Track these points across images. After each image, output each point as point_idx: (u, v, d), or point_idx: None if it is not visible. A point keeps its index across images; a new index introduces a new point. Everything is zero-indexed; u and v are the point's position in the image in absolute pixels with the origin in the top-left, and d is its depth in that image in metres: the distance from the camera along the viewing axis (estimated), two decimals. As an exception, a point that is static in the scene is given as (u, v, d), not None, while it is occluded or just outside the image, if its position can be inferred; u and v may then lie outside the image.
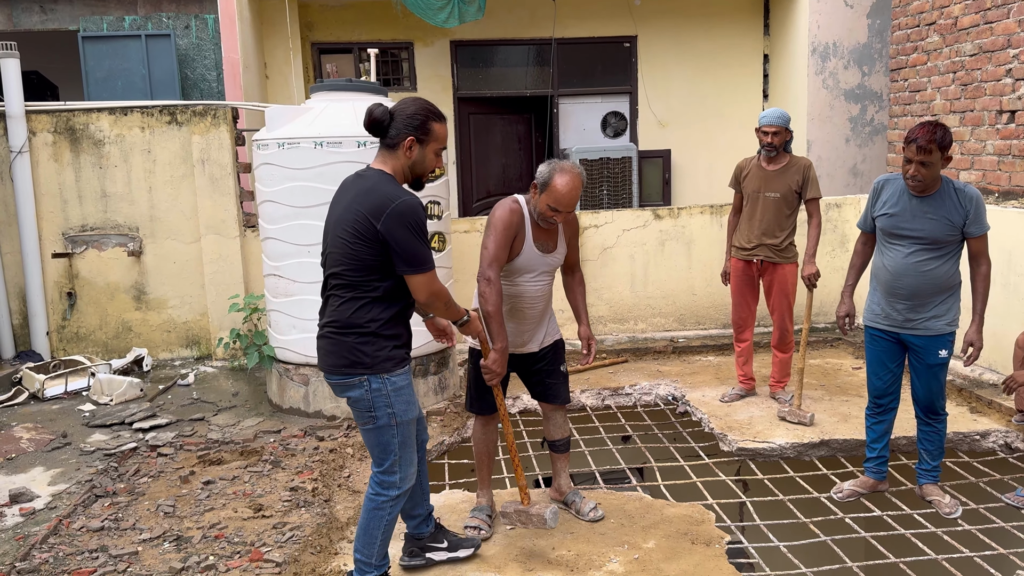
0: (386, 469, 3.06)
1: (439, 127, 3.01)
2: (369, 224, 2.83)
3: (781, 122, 5.07)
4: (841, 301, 4.19)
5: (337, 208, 3.00)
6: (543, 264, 3.63)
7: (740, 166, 5.36)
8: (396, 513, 3.13)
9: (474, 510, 3.84)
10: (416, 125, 2.95)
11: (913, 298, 3.83)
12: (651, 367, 6.39)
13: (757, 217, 5.19)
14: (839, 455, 4.75)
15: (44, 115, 6.39)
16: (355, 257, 2.89)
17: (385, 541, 3.13)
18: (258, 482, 4.25)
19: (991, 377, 5.47)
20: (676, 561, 3.46)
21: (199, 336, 6.69)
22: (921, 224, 3.75)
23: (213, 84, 7.71)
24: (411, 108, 2.97)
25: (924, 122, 3.69)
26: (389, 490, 3.08)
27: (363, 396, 2.97)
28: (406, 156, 2.96)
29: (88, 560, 3.46)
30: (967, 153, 6.37)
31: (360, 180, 2.98)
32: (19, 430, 5.05)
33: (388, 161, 2.98)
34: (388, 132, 2.96)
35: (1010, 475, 4.42)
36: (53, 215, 6.48)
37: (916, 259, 3.78)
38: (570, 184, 3.42)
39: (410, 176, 3.02)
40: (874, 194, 3.96)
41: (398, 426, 3.01)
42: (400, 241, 2.83)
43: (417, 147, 2.96)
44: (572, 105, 9.54)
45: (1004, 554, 3.60)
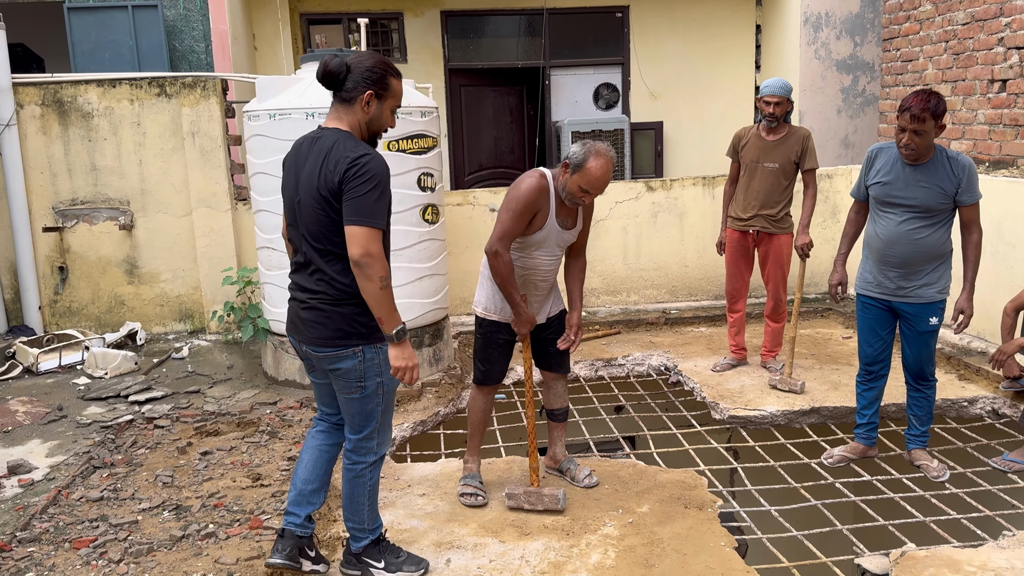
0: (365, 436, 3.02)
1: (397, 83, 2.88)
2: (336, 184, 2.73)
3: (783, 92, 5.07)
4: (834, 269, 4.23)
5: (300, 176, 2.87)
6: (560, 239, 3.66)
7: (739, 135, 5.36)
8: (377, 476, 3.11)
9: (466, 477, 3.89)
10: (375, 79, 2.81)
11: (905, 266, 3.86)
12: (644, 338, 6.44)
13: (755, 187, 5.20)
14: (829, 422, 4.82)
15: (32, 87, 6.33)
16: (332, 223, 2.79)
17: (373, 505, 3.13)
18: (255, 452, 4.28)
19: (979, 345, 5.53)
20: (669, 524, 3.52)
21: (192, 310, 6.68)
22: (914, 192, 3.78)
23: (201, 56, 7.64)
24: (369, 62, 2.82)
25: (918, 90, 3.70)
26: (366, 456, 3.05)
27: (355, 367, 2.90)
28: (363, 111, 2.84)
29: (89, 529, 3.49)
30: (958, 123, 6.39)
31: (317, 143, 2.84)
32: (14, 403, 5.06)
33: (344, 117, 2.85)
34: (344, 85, 2.82)
35: (997, 440, 4.49)
36: (43, 189, 6.44)
37: (908, 227, 3.81)
38: (604, 168, 3.42)
39: (366, 133, 2.89)
40: (867, 163, 3.99)
41: (384, 394, 2.99)
42: (357, 191, 2.70)
43: (375, 102, 2.84)
44: (564, 77, 9.50)
45: (990, 516, 3.67)
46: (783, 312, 5.41)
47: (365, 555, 3.15)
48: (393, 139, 4.98)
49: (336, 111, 2.87)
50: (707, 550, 3.31)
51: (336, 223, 2.78)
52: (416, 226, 5.16)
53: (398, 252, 5.05)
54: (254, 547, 3.31)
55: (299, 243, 2.92)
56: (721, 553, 3.29)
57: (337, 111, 2.87)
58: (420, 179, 5.16)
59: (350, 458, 3.07)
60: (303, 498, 3.11)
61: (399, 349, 2.84)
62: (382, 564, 3.13)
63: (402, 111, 5.02)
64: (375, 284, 2.74)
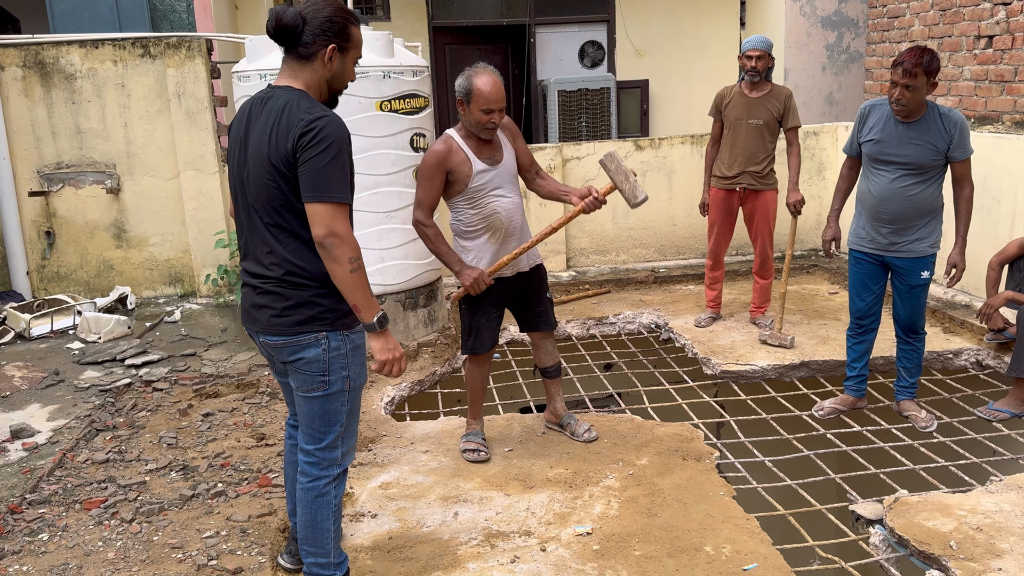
0: (327, 444, 2.62)
1: (358, 32, 2.55)
2: (289, 152, 2.38)
3: (764, 46, 5.11)
4: (827, 225, 4.30)
5: (248, 144, 2.50)
6: (501, 177, 3.67)
7: (721, 94, 5.39)
8: (342, 493, 2.71)
9: (468, 434, 3.96)
10: (337, 30, 2.46)
11: (897, 222, 3.94)
12: (633, 297, 6.51)
13: (740, 144, 5.24)
14: (818, 375, 4.93)
15: (12, 49, 6.20)
16: (285, 196, 2.43)
17: (338, 531, 2.73)
18: (257, 413, 4.32)
19: (964, 298, 5.66)
20: (669, 475, 3.61)
21: (182, 273, 6.66)
22: (906, 150, 3.84)
23: (183, 15, 7.51)
24: (327, 11, 2.45)
25: (912, 46, 3.74)
26: (330, 469, 2.65)
27: (318, 357, 2.52)
28: (326, 67, 2.48)
29: (98, 490, 3.53)
30: (945, 79, 6.45)
31: (267, 104, 2.47)
32: (10, 368, 5.05)
33: (300, 75, 2.48)
34: (301, 39, 2.44)
35: (982, 390, 4.63)
36: (27, 153, 6.34)
37: (901, 184, 3.88)
38: (490, 80, 3.47)
39: (326, 92, 2.54)
40: (860, 119, 4.03)
41: (350, 391, 2.60)
42: (310, 160, 2.35)
43: (338, 56, 2.49)
44: (549, 35, 9.43)
45: (977, 463, 3.80)
46: (771, 268, 5.50)
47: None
48: (385, 99, 4.96)
49: (290, 67, 2.49)
50: (707, 499, 3.41)
51: (288, 196, 2.43)
52: (409, 187, 5.14)
53: (391, 214, 5.06)
54: (264, 504, 3.37)
55: (248, 221, 2.55)
56: (721, 501, 3.39)
57: (292, 68, 2.49)
58: (413, 139, 5.15)
59: (309, 474, 2.64)
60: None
61: (383, 339, 2.50)
62: None
63: (394, 70, 4.99)
64: (344, 267, 2.38)
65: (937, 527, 3.08)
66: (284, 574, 2.98)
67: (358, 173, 4.90)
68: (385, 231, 5.04)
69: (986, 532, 3.03)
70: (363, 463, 3.85)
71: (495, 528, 3.25)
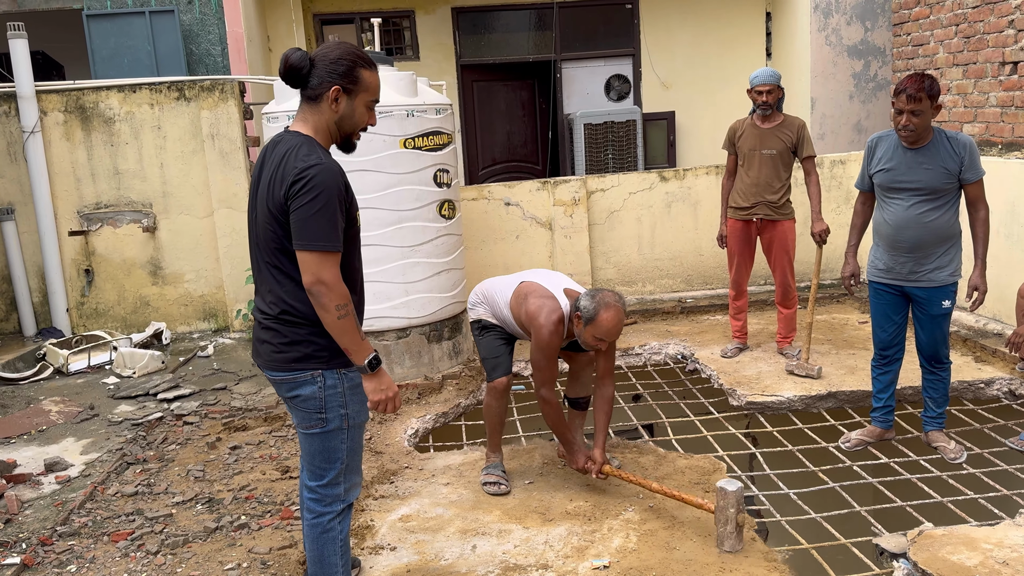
0: (329, 481, 2.66)
1: (369, 75, 2.54)
2: (282, 199, 2.43)
3: (773, 80, 5.18)
4: (845, 262, 4.28)
5: (258, 185, 2.56)
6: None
7: (733, 128, 5.44)
8: (347, 527, 2.74)
9: (489, 467, 3.97)
10: (341, 72, 2.49)
11: (916, 250, 3.91)
12: (660, 327, 6.50)
13: (754, 175, 5.28)
14: (846, 406, 4.87)
15: (54, 94, 6.47)
16: (283, 239, 2.49)
17: (346, 565, 2.76)
18: (283, 446, 4.39)
19: (995, 327, 5.56)
20: (689, 509, 3.58)
21: (216, 309, 6.81)
22: (918, 175, 3.82)
23: (218, 59, 7.75)
24: (335, 53, 2.50)
25: (912, 75, 3.76)
26: (333, 505, 2.69)
27: (314, 394, 2.56)
28: (331, 110, 2.52)
29: (125, 523, 3.61)
30: (970, 106, 6.40)
31: (276, 148, 2.53)
32: (47, 403, 5.20)
33: (310, 118, 2.53)
34: (308, 81, 2.49)
35: (1014, 421, 4.53)
36: (68, 193, 6.58)
37: (917, 211, 3.86)
38: (615, 319, 3.52)
39: (338, 135, 2.58)
40: (869, 152, 4.04)
41: (349, 429, 2.63)
42: (299, 209, 2.40)
43: (344, 98, 2.52)
44: (575, 69, 9.55)
45: (1008, 495, 3.72)
46: (793, 298, 5.47)
47: None
48: (409, 137, 5.07)
49: (302, 110, 2.55)
50: (727, 532, 3.38)
51: (283, 240, 2.48)
52: (433, 222, 5.24)
53: (415, 248, 5.14)
54: (286, 537, 3.41)
55: (255, 260, 2.62)
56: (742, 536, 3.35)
57: (303, 110, 2.55)
58: (436, 175, 5.24)
59: (313, 510, 2.69)
60: None
61: (375, 380, 2.55)
62: None
63: (417, 109, 5.11)
64: (332, 314, 2.43)
65: (962, 561, 3.01)
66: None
67: (382, 209, 5.03)
68: (409, 265, 5.12)
69: (1012, 567, 2.96)
70: (384, 496, 3.89)
71: (512, 561, 3.25)
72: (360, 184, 5.01)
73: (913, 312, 4.08)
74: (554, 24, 9.35)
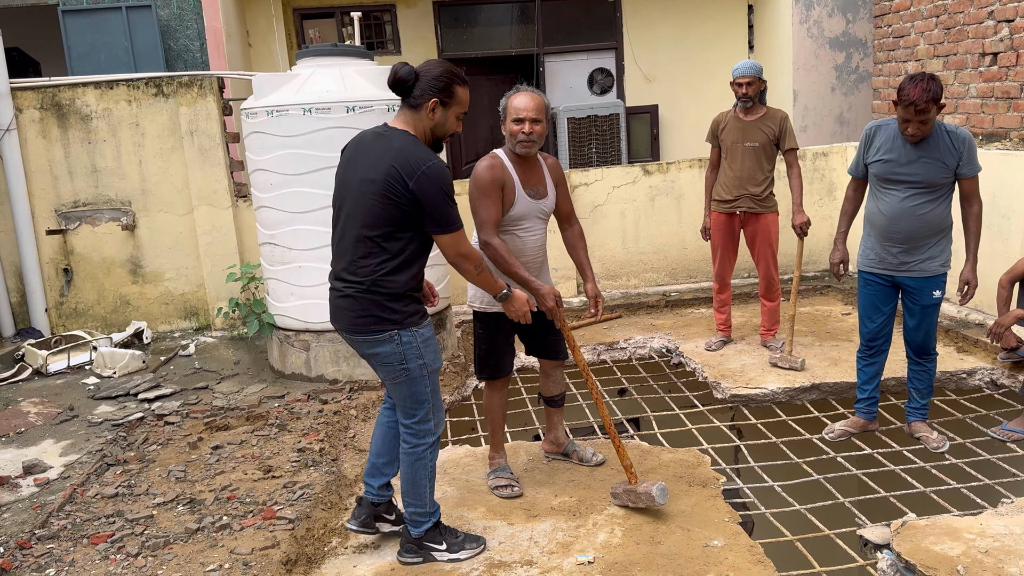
0: (420, 418, 3.14)
1: (462, 91, 3.05)
2: (402, 183, 2.89)
3: (753, 72, 5.17)
4: (835, 248, 4.27)
5: (359, 167, 3.01)
6: (537, 211, 3.65)
7: (716, 120, 5.43)
8: (436, 457, 3.21)
9: (496, 470, 3.87)
10: (441, 87, 2.98)
11: (908, 241, 3.91)
12: (644, 321, 6.50)
13: (737, 167, 5.27)
14: (830, 398, 4.88)
15: (30, 91, 6.37)
16: (385, 217, 2.93)
17: (432, 487, 3.23)
18: (266, 445, 4.35)
19: (977, 317, 5.59)
20: (674, 502, 3.58)
21: (197, 307, 6.75)
22: (916, 168, 3.81)
23: (197, 55, 7.67)
24: (436, 70, 2.99)
25: (914, 78, 3.66)
26: (426, 438, 3.16)
27: (394, 350, 3.03)
28: (429, 118, 3.00)
29: (105, 525, 3.56)
30: (951, 97, 6.42)
31: (383, 139, 3.00)
32: (26, 405, 5.13)
33: (411, 122, 3.02)
34: (412, 92, 2.99)
35: (995, 410, 4.56)
36: (45, 192, 6.49)
37: (912, 203, 3.85)
38: (524, 95, 3.57)
39: (430, 138, 3.06)
40: (866, 140, 4.01)
41: (429, 375, 3.11)
42: (432, 202, 2.92)
43: (440, 109, 3.00)
44: (558, 64, 9.52)
45: (990, 484, 3.74)
46: (777, 290, 5.47)
47: (426, 539, 3.23)
48: (390, 132, 5.02)
49: (404, 114, 3.04)
50: (711, 526, 3.38)
51: (388, 218, 2.94)
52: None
53: (399, 244, 5.10)
54: (268, 537, 3.38)
55: (344, 232, 3.05)
56: (726, 528, 3.36)
57: (405, 114, 3.04)
58: (418, 171, 5.20)
59: (409, 442, 3.17)
60: (376, 470, 3.36)
61: (508, 305, 3.32)
62: (444, 546, 3.23)
63: (398, 104, 5.06)
64: (472, 274, 3.11)
65: (945, 551, 3.02)
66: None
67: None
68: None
69: (994, 556, 2.97)
70: (368, 494, 3.86)
71: (497, 558, 3.24)
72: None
73: (904, 303, 4.08)
74: (536, 18, 9.31)
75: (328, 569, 3.25)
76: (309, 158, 4.96)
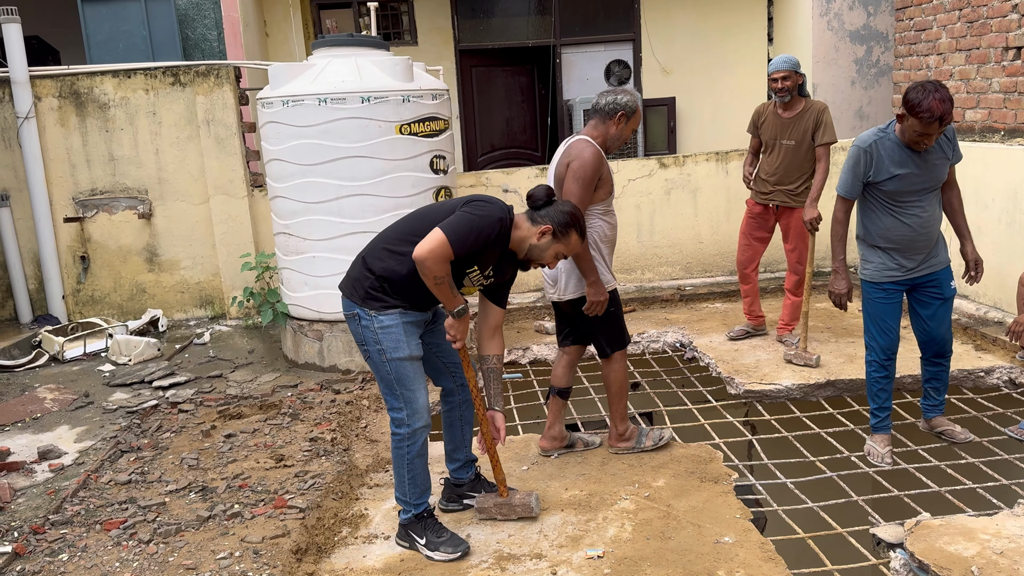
0: (391, 406, 3.20)
1: (576, 238, 3.22)
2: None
3: (787, 66, 5.05)
4: (838, 276, 3.99)
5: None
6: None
7: (758, 111, 5.38)
8: (416, 451, 3.21)
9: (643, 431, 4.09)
10: (563, 223, 3.16)
11: (931, 245, 3.85)
12: (659, 315, 6.46)
13: (773, 163, 5.23)
14: (845, 395, 4.84)
15: (48, 80, 6.41)
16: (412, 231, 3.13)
17: (414, 479, 3.24)
18: (278, 434, 4.37)
19: (996, 315, 5.52)
20: (685, 498, 3.57)
21: (212, 296, 6.78)
22: (932, 173, 3.73)
23: (214, 44, 7.68)
24: (567, 207, 3.22)
25: (926, 91, 3.48)
26: (400, 427, 3.20)
27: (356, 329, 3.17)
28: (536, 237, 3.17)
29: (118, 511, 3.59)
30: (973, 92, 6.33)
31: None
32: (42, 391, 5.18)
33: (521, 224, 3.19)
34: (539, 210, 3.20)
35: (1013, 409, 4.50)
36: (62, 180, 6.53)
37: (936, 209, 3.80)
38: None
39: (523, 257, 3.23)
40: (867, 160, 3.74)
41: (389, 362, 3.12)
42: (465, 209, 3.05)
43: (548, 238, 3.17)
44: (575, 55, 9.46)
45: (1006, 484, 3.69)
46: (804, 286, 5.42)
47: (410, 528, 3.29)
48: (405, 122, 5.02)
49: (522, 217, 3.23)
50: (723, 522, 3.36)
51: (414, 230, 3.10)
52: (430, 208, 5.19)
53: (413, 235, 5.10)
54: (279, 526, 3.39)
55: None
56: (737, 524, 3.34)
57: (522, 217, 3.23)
58: (432, 162, 5.19)
59: (391, 429, 3.25)
60: (448, 456, 3.61)
61: (451, 320, 3.15)
62: (423, 540, 3.25)
63: (413, 94, 5.06)
64: (430, 280, 2.99)
65: (959, 551, 2.99)
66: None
67: (378, 196, 5.04)
68: (405, 253, 5.08)
69: (1009, 557, 2.93)
70: (379, 484, 3.87)
71: (506, 551, 3.23)
72: (355, 171, 4.99)
73: (920, 302, 3.95)
74: (554, 9, 9.26)
75: (338, 559, 3.26)
76: (324, 148, 4.96)
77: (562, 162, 3.73)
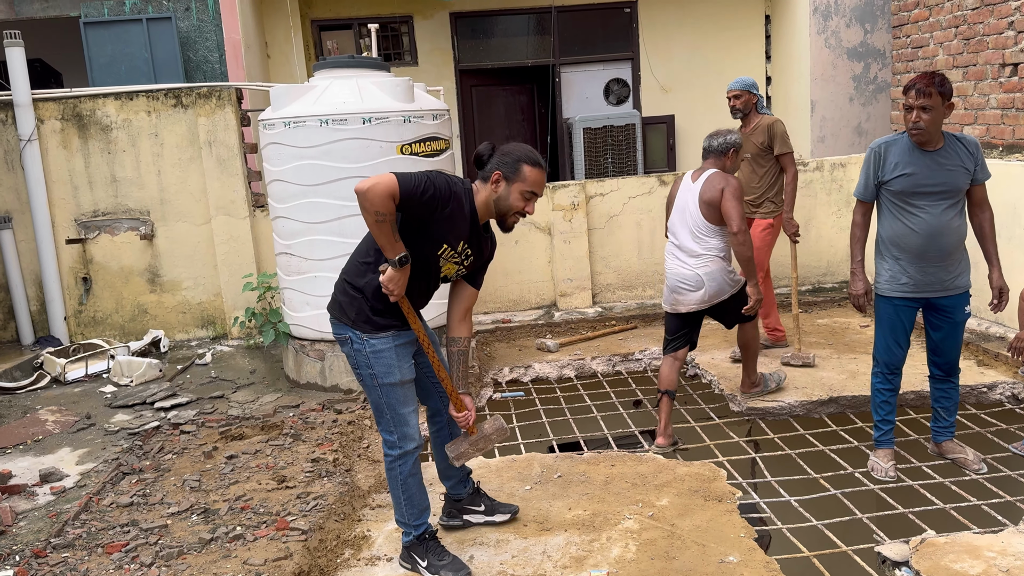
0: (383, 428, 3.21)
1: (530, 171, 3.08)
2: None
3: (740, 86, 5.42)
4: (855, 278, 4.01)
5: None
6: None
7: None
8: (408, 470, 3.21)
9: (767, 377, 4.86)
10: (507, 163, 3.08)
11: (946, 258, 3.79)
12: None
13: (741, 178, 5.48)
14: (848, 411, 4.83)
15: (51, 102, 6.45)
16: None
17: (410, 499, 3.23)
18: (280, 455, 4.36)
19: (997, 330, 5.52)
20: (689, 517, 3.55)
21: (214, 316, 6.78)
22: (942, 177, 3.71)
23: (216, 65, 7.74)
24: (510, 147, 3.13)
25: (922, 72, 3.71)
26: (391, 449, 3.21)
27: (348, 352, 3.15)
28: (492, 190, 3.08)
29: (120, 534, 3.58)
30: (971, 108, 6.37)
31: None
32: (44, 413, 5.17)
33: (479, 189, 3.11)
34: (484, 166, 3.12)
35: (1016, 425, 4.49)
36: (65, 201, 6.56)
37: (947, 216, 3.74)
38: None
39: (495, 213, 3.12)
40: (877, 160, 3.83)
41: (380, 387, 3.12)
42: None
43: (503, 184, 3.07)
44: (574, 74, 9.53)
45: (1011, 501, 3.68)
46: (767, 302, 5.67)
47: (412, 550, 3.28)
48: (406, 143, 5.04)
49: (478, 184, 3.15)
50: (727, 541, 3.35)
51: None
52: (431, 228, 5.21)
53: (414, 254, 5.11)
54: (281, 548, 3.38)
55: None
56: (741, 543, 3.32)
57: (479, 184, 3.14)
58: (434, 181, 5.20)
59: (384, 450, 3.25)
60: (441, 474, 3.60)
61: (391, 272, 2.94)
62: (425, 563, 3.23)
63: (414, 115, 5.09)
64: (370, 217, 2.85)
65: (964, 569, 2.98)
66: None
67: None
68: (407, 272, 5.09)
69: (1015, 575, 2.92)
70: (381, 505, 3.86)
71: (510, 572, 3.22)
72: (357, 191, 5.00)
73: (932, 323, 3.94)
74: (553, 29, 9.33)
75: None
76: (326, 169, 4.98)
77: (707, 188, 4.38)
